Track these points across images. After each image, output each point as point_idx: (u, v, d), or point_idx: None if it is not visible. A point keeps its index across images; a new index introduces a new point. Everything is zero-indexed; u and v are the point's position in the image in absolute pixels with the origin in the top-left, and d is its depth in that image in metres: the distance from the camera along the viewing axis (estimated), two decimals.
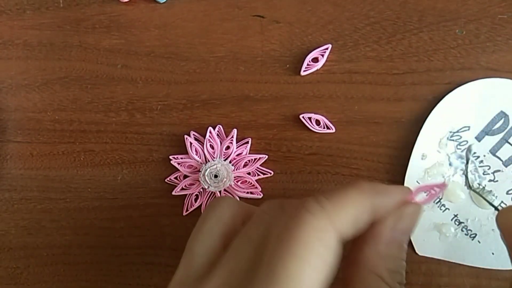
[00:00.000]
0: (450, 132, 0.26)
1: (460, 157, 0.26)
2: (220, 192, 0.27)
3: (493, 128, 0.25)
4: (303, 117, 0.26)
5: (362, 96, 0.26)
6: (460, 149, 0.25)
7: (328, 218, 0.15)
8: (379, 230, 0.18)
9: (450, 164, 0.26)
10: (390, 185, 0.20)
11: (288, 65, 0.27)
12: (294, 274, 0.14)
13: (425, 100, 0.26)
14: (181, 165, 0.27)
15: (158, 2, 0.27)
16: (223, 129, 0.27)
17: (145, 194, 0.28)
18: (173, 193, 0.27)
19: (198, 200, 0.27)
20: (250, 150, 0.27)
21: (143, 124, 0.28)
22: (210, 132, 0.27)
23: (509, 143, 0.25)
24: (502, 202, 0.25)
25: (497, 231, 0.25)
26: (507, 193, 0.25)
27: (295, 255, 0.14)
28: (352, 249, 0.18)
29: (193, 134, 0.27)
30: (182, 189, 0.27)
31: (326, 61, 0.26)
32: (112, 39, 0.28)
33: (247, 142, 0.27)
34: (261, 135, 0.27)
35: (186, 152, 0.27)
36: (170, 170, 0.28)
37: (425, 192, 0.20)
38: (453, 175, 0.26)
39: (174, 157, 0.27)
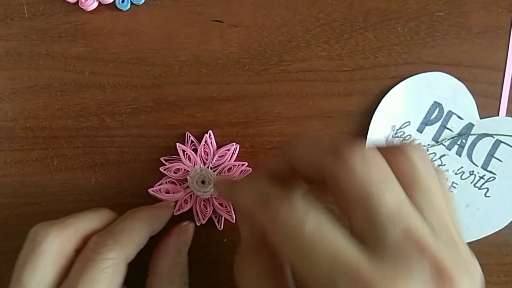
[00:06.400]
0: (393, 130, 0.28)
1: None
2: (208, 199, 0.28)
3: (431, 118, 0.28)
4: None
5: (316, 92, 0.28)
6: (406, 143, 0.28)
7: (120, 252, 0.21)
8: (166, 245, 0.24)
9: None
10: (159, 204, 0.26)
11: (247, 66, 0.28)
12: None
13: (372, 94, 0.28)
14: (168, 171, 0.28)
15: (122, 10, 0.29)
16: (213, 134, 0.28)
17: (118, 194, 0.29)
18: (175, 213, 0.27)
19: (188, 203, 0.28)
20: (216, 147, 0.28)
21: (113, 128, 0.29)
22: (206, 139, 0.28)
23: (448, 129, 0.28)
24: (453, 182, 0.28)
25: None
26: (455, 173, 0.28)
27: (94, 280, 0.20)
28: (151, 263, 0.24)
29: (190, 136, 0.28)
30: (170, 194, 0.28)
31: (282, 61, 0.28)
32: (79, 47, 0.29)
33: (229, 150, 0.28)
34: (225, 133, 0.29)
35: (159, 153, 0.28)
36: (142, 169, 0.29)
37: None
38: None
39: (164, 160, 0.28)
